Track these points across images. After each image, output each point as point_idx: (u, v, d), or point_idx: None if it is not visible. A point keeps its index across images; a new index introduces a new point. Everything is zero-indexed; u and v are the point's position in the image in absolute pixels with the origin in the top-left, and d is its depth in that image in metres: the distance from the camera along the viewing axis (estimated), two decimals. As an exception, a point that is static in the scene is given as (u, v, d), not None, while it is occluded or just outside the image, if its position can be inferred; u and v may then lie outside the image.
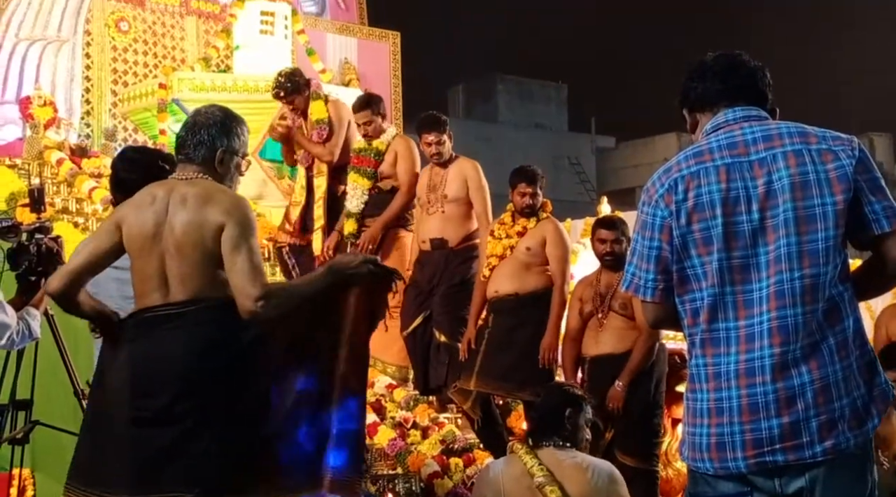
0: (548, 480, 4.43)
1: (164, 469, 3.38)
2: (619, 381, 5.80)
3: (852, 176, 2.71)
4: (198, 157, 3.62)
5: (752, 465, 2.68)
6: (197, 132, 3.64)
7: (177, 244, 3.47)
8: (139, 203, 3.59)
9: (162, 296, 3.50)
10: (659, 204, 2.82)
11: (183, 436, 3.40)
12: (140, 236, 3.54)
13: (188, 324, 3.46)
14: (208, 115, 3.71)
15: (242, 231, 3.45)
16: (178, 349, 3.45)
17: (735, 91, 2.89)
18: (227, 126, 3.68)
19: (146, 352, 3.49)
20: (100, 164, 8.81)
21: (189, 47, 12.36)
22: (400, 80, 14.14)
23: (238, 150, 3.71)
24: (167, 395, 3.42)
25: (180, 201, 3.51)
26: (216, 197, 3.51)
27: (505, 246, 6.37)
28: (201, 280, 3.47)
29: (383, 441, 6.18)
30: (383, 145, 7.24)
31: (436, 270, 6.83)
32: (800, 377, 2.66)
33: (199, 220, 3.46)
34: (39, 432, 4.80)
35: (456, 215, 6.84)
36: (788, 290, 2.68)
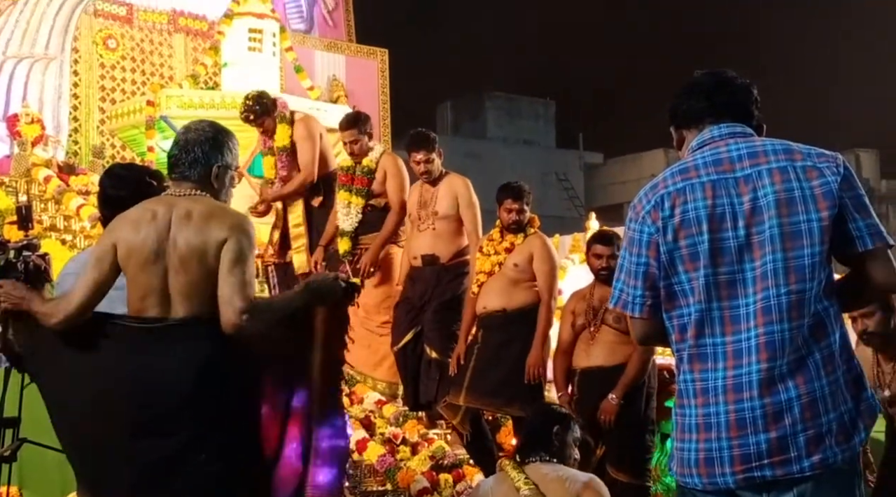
0: (533, 493, 4.47)
1: (163, 481, 3.38)
2: (613, 394, 5.80)
3: (837, 193, 2.73)
4: (194, 175, 3.63)
5: (741, 480, 2.69)
6: (190, 150, 3.65)
7: (181, 260, 3.48)
8: (137, 219, 3.59)
9: (162, 311, 3.50)
10: (646, 220, 2.83)
11: (181, 449, 3.40)
12: (141, 253, 3.53)
13: (189, 338, 3.47)
14: (199, 131, 3.71)
15: (242, 248, 3.47)
16: (179, 363, 3.45)
17: (721, 108, 2.91)
18: (219, 141, 3.69)
19: (146, 364, 3.48)
20: (87, 182, 8.80)
21: (177, 64, 12.37)
22: (388, 96, 14.17)
23: (231, 164, 3.73)
24: (166, 408, 3.42)
25: (184, 217, 3.52)
26: (220, 215, 3.53)
27: (493, 262, 6.39)
28: (203, 297, 3.48)
29: (373, 457, 6.17)
30: (373, 164, 7.28)
31: (427, 287, 6.85)
32: (787, 392, 2.67)
33: (203, 237, 3.47)
34: (27, 450, 4.77)
35: (446, 232, 6.87)
36: (775, 306, 2.69)
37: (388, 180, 7.21)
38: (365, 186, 7.27)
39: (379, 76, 14.14)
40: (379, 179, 7.25)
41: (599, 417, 5.79)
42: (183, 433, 3.39)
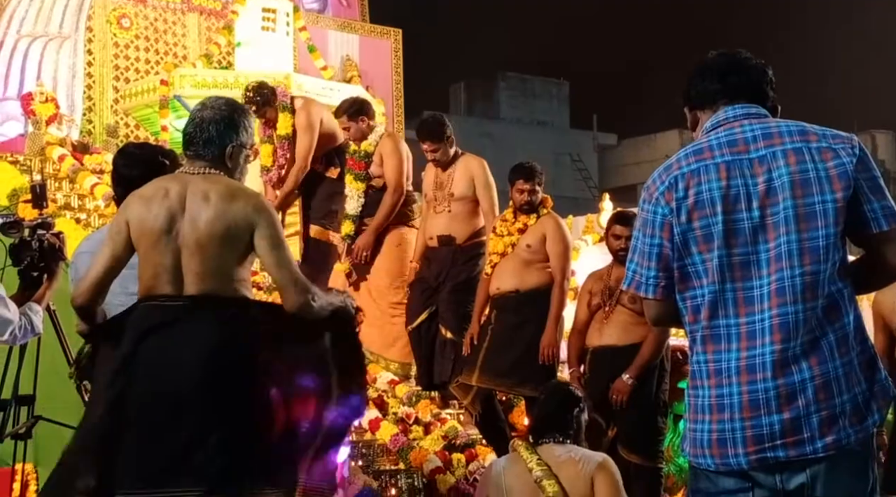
0: (545, 474, 4.48)
1: (178, 463, 3.40)
2: (628, 374, 5.80)
3: (852, 174, 2.72)
4: (208, 153, 3.63)
5: (753, 461, 2.68)
6: (205, 129, 3.64)
7: (198, 240, 3.47)
8: (150, 196, 3.58)
9: (175, 289, 3.50)
10: (659, 201, 2.83)
11: (191, 433, 3.41)
12: (152, 230, 3.53)
13: (204, 318, 3.48)
14: (215, 109, 3.70)
15: (276, 231, 3.53)
16: (194, 344, 3.46)
17: (735, 89, 2.89)
18: (234, 120, 3.68)
19: (161, 345, 3.49)
20: (101, 161, 8.81)
21: (191, 44, 12.35)
22: (401, 77, 14.13)
23: (246, 142, 3.72)
24: (178, 386, 3.43)
25: (202, 198, 3.51)
26: (240, 195, 3.54)
27: (506, 243, 6.40)
28: (217, 277, 3.49)
29: (385, 437, 6.19)
30: (371, 147, 7.32)
31: (442, 267, 6.89)
32: (800, 373, 2.67)
33: (228, 219, 3.48)
34: (42, 427, 4.81)
35: (463, 213, 6.90)
36: (789, 288, 2.68)
37: (385, 162, 7.25)
38: (362, 170, 7.32)
39: (392, 56, 14.09)
40: (376, 162, 7.30)
41: (612, 397, 5.79)
42: (194, 414, 3.40)
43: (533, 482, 4.49)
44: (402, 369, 7.20)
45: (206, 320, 3.47)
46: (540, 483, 4.46)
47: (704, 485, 2.79)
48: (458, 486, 5.91)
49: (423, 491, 6.02)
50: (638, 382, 5.81)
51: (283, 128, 7.78)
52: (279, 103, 7.80)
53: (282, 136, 7.79)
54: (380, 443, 6.20)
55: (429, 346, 6.94)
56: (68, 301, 5.37)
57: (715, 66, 2.93)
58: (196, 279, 3.48)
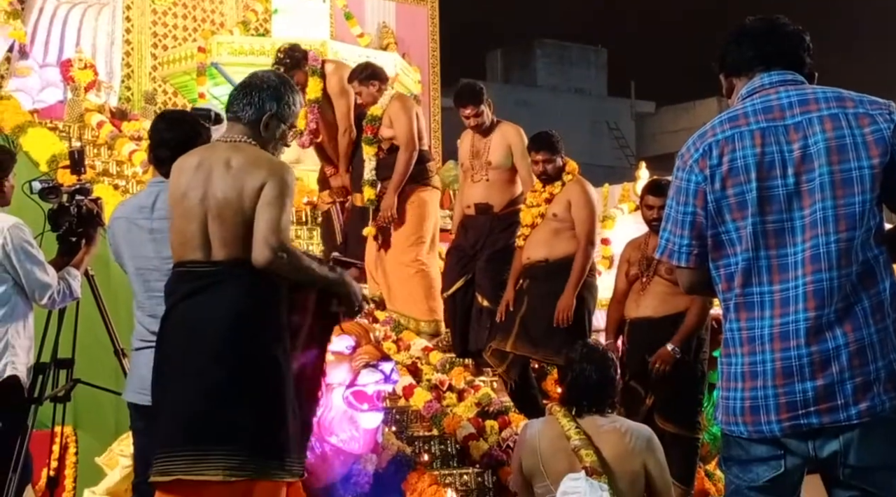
0: (584, 444, 4.45)
1: (196, 423, 3.45)
2: (672, 344, 5.76)
3: (890, 140, 2.70)
4: (245, 117, 3.67)
5: (787, 427, 2.68)
6: (248, 93, 3.69)
7: (218, 208, 3.53)
8: (185, 167, 3.66)
9: (204, 255, 3.56)
10: (693, 169, 2.82)
11: (215, 393, 3.46)
12: (181, 198, 3.60)
13: (230, 283, 3.53)
14: (263, 78, 3.75)
15: (280, 192, 3.51)
16: (220, 308, 3.51)
17: (771, 55, 2.87)
18: (279, 92, 3.71)
19: (189, 310, 3.56)
20: (140, 127, 8.85)
21: (228, 11, 12.35)
22: (438, 44, 14.05)
23: (286, 118, 3.73)
24: (205, 348, 3.49)
25: (224, 166, 3.56)
26: (259, 163, 3.57)
27: (534, 214, 6.40)
28: (241, 244, 3.54)
29: (419, 403, 6.21)
30: (379, 110, 7.32)
31: (479, 235, 6.91)
32: (834, 340, 2.65)
33: (241, 185, 3.52)
34: (80, 391, 4.88)
35: (500, 181, 6.91)
36: (824, 255, 2.67)
37: (395, 123, 7.25)
38: (373, 134, 7.34)
39: (429, 23, 14.02)
40: (385, 124, 7.30)
41: (654, 365, 5.77)
42: (215, 374, 3.46)
43: (569, 449, 4.47)
44: (428, 327, 7.18)
45: (233, 285, 3.52)
46: (578, 452, 4.43)
47: (737, 452, 2.79)
48: (492, 452, 5.92)
49: (456, 457, 6.04)
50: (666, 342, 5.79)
51: (312, 92, 7.78)
52: (310, 67, 7.80)
53: (311, 100, 7.79)
54: (413, 409, 6.22)
55: (465, 313, 6.96)
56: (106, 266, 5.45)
57: (751, 32, 2.91)
58: (221, 245, 3.53)
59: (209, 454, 3.41)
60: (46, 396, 4.62)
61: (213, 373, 3.47)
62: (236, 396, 3.46)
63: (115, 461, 5.47)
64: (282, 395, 3.53)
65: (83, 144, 8.12)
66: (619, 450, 4.49)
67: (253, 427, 3.45)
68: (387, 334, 6.83)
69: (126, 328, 4.47)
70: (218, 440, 3.43)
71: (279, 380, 3.53)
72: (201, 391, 3.47)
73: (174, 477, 3.44)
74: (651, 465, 4.52)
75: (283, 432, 3.52)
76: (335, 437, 4.70)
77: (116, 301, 5.33)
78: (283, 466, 3.53)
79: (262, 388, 3.49)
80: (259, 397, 3.48)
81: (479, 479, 5.87)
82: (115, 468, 5.46)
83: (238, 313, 3.50)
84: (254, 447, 3.45)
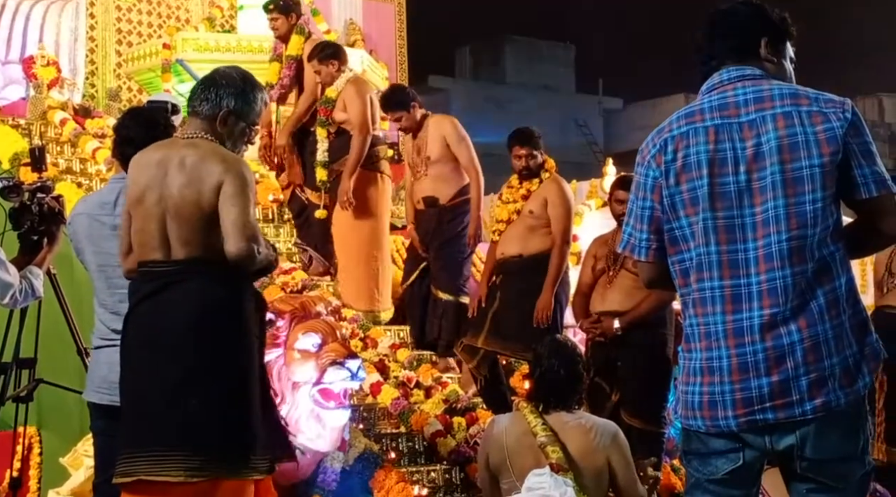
0: (550, 441, 4.47)
1: (158, 423, 3.43)
2: (618, 323, 5.80)
3: (842, 138, 2.71)
4: (202, 112, 3.64)
5: (743, 423, 2.71)
6: (208, 88, 3.67)
7: (176, 207, 3.50)
8: (143, 164, 3.63)
9: (164, 255, 3.53)
10: (651, 164, 2.85)
11: (175, 391, 3.44)
12: (139, 198, 3.58)
13: (191, 282, 3.51)
14: (224, 74, 3.73)
15: (241, 186, 3.49)
16: (181, 307, 3.49)
17: (728, 51, 2.88)
18: (239, 88, 3.68)
19: (150, 310, 3.53)
20: (103, 125, 8.78)
21: (193, 7, 12.29)
22: (405, 41, 14.04)
23: (246, 115, 3.69)
24: (164, 346, 3.47)
25: (179, 164, 3.54)
26: (213, 158, 3.54)
27: (510, 210, 6.42)
28: (201, 243, 3.51)
29: (386, 400, 6.20)
30: (334, 93, 7.35)
31: (428, 228, 6.97)
32: (789, 336, 2.68)
33: (197, 182, 3.50)
34: (45, 391, 4.84)
35: (443, 173, 6.97)
36: (776, 253, 2.69)
37: (348, 106, 7.28)
38: (325, 116, 7.37)
39: (396, 20, 14.01)
40: (339, 107, 7.33)
41: (593, 332, 5.80)
42: (177, 373, 3.44)
43: (536, 446, 4.49)
44: (366, 317, 7.18)
45: (192, 283, 3.50)
46: (544, 449, 4.45)
47: (696, 446, 2.82)
48: (459, 449, 5.92)
49: (424, 454, 6.04)
50: (639, 348, 5.80)
51: (292, 48, 7.80)
52: (297, 26, 7.83)
53: (290, 57, 7.81)
54: (381, 406, 6.21)
55: (422, 304, 7.05)
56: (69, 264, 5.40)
57: (710, 26, 2.92)
58: (181, 244, 3.52)
59: (170, 454, 3.40)
60: (8, 397, 4.59)
61: (173, 372, 3.46)
62: (196, 395, 3.44)
63: (79, 461, 5.43)
64: (245, 392, 3.51)
65: (46, 142, 8.06)
66: (585, 446, 4.51)
67: (214, 426, 3.43)
68: (354, 332, 6.82)
69: (89, 327, 4.44)
70: (178, 440, 3.41)
71: (242, 377, 3.51)
72: (161, 391, 3.45)
73: (136, 477, 3.41)
74: (615, 460, 4.54)
75: (247, 429, 3.50)
76: (302, 434, 4.68)
77: (79, 300, 5.28)
78: (248, 464, 3.51)
79: (223, 387, 3.47)
80: (220, 395, 3.46)
81: (446, 475, 5.88)
82: (79, 468, 5.41)
83: (197, 312, 3.49)
84: (215, 446, 3.43)
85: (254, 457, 3.53)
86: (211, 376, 3.46)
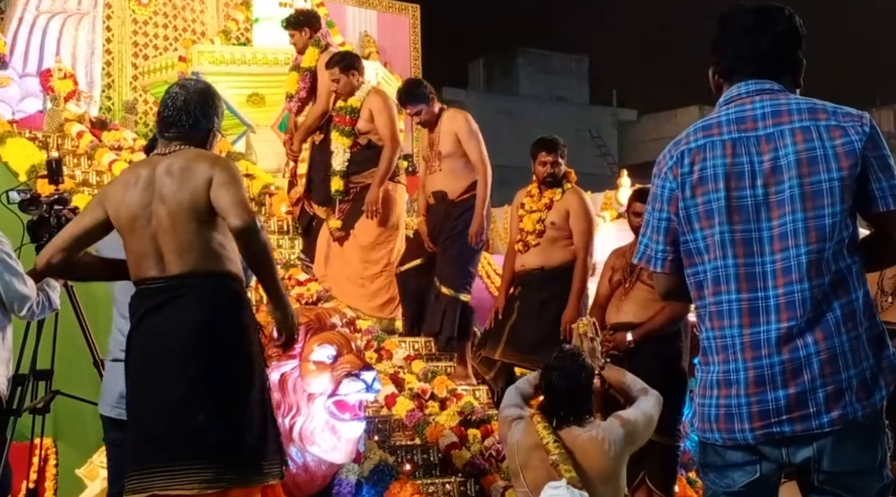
0: (562, 459, 4.44)
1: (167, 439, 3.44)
2: (631, 336, 5.76)
3: (861, 152, 2.70)
4: (184, 136, 3.67)
5: (760, 435, 2.70)
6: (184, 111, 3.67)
7: (170, 216, 3.51)
8: (126, 182, 3.65)
9: (159, 271, 3.54)
10: (667, 176, 2.84)
11: (178, 407, 3.45)
12: (129, 216, 3.59)
13: (187, 296, 3.52)
14: (188, 90, 3.73)
15: (230, 177, 3.51)
16: (179, 322, 3.50)
17: (752, 64, 2.84)
18: (209, 104, 3.73)
19: (149, 328, 3.55)
20: (120, 137, 8.83)
21: (209, 20, 12.36)
22: (420, 53, 14.09)
23: (219, 126, 3.77)
24: (165, 362, 3.48)
25: (166, 173, 3.56)
26: (199, 159, 3.57)
27: (534, 220, 6.42)
28: (197, 252, 3.52)
29: (401, 412, 6.20)
30: (358, 103, 7.38)
31: (437, 221, 7.03)
32: (806, 349, 2.67)
33: (189, 182, 3.52)
34: (60, 402, 4.85)
35: (454, 168, 7.00)
36: (795, 266, 2.68)
37: (377, 117, 7.31)
38: (348, 125, 7.37)
39: (410, 32, 14.05)
40: (365, 117, 7.35)
41: (607, 344, 5.80)
42: (179, 388, 3.44)
43: (547, 460, 4.46)
44: (380, 324, 7.25)
45: (190, 297, 3.51)
46: (557, 468, 4.43)
47: (713, 458, 2.81)
48: (474, 461, 5.92)
49: (439, 466, 6.04)
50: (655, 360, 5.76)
51: (307, 61, 7.90)
52: (314, 38, 7.91)
53: (305, 69, 7.91)
54: (396, 418, 6.21)
55: (419, 293, 7.11)
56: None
57: (738, 31, 2.84)
58: (175, 258, 3.52)
59: (182, 468, 3.41)
60: (25, 408, 4.59)
61: (177, 386, 3.48)
62: (201, 407, 3.45)
63: (95, 473, 5.44)
64: (250, 399, 3.52)
65: (63, 154, 8.10)
66: (599, 458, 4.50)
67: (222, 436, 3.45)
68: (369, 343, 6.83)
69: (105, 339, 4.46)
70: (189, 453, 3.42)
71: (247, 385, 3.52)
72: (166, 405, 3.47)
73: (150, 493, 3.43)
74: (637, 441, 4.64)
75: (255, 436, 3.51)
76: (317, 446, 4.68)
77: (96, 312, 5.31)
78: (260, 471, 3.53)
79: (228, 396, 3.49)
80: (225, 405, 3.48)
81: (461, 487, 5.87)
82: (95, 480, 5.43)
83: (197, 325, 3.50)
84: (226, 456, 3.44)
85: (265, 463, 3.54)
86: (211, 387, 3.47)
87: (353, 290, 7.34)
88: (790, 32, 2.85)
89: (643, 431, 4.70)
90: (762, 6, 2.86)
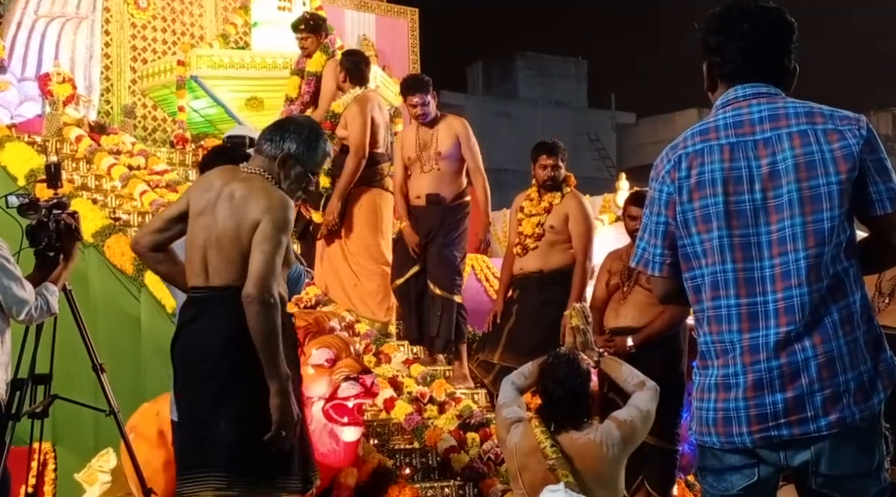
0: (560, 464, 4.45)
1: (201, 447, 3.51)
2: (631, 341, 5.77)
3: (858, 155, 2.70)
4: (265, 150, 3.74)
5: (758, 439, 2.70)
6: (275, 129, 3.77)
7: (217, 238, 3.62)
8: (203, 186, 3.76)
9: (203, 280, 3.65)
10: (665, 180, 2.84)
11: (207, 415, 3.50)
12: (193, 220, 3.69)
13: (223, 308, 3.60)
14: (294, 120, 3.87)
15: (274, 231, 3.54)
16: (211, 333, 3.58)
17: (749, 67, 2.82)
18: (303, 135, 3.75)
19: (189, 335, 3.67)
20: (118, 141, 8.83)
21: (207, 24, 12.36)
22: (419, 56, 14.09)
23: (306, 161, 3.75)
24: (197, 370, 3.55)
25: (228, 197, 3.63)
26: (259, 196, 3.62)
27: (533, 224, 6.43)
28: (238, 268, 3.60)
29: (400, 416, 6.20)
30: (340, 108, 7.45)
31: (431, 226, 7.01)
32: (803, 352, 2.67)
33: (239, 217, 3.59)
34: (59, 407, 4.84)
35: (449, 172, 7.02)
36: (794, 271, 2.68)
37: (349, 125, 7.33)
38: (329, 130, 7.38)
39: (409, 36, 14.06)
40: (342, 124, 7.38)
41: (608, 350, 5.79)
42: (206, 396, 3.51)
43: (545, 464, 4.48)
44: (373, 326, 7.21)
45: (225, 309, 3.57)
46: (554, 472, 4.44)
47: (711, 462, 2.81)
48: (473, 464, 5.91)
49: (438, 470, 6.04)
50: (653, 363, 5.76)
51: (314, 65, 7.95)
52: (323, 44, 7.98)
53: (310, 73, 7.97)
54: (394, 422, 6.21)
55: (418, 301, 7.08)
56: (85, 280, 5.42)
57: (733, 36, 2.82)
58: (215, 272, 3.62)
59: (204, 474, 3.51)
60: (24, 412, 4.58)
61: (202, 395, 3.56)
62: (226, 417, 3.52)
63: (94, 477, 5.44)
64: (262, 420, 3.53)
65: (62, 159, 8.10)
66: (597, 461, 4.51)
67: (238, 446, 3.51)
68: (367, 347, 6.83)
69: (104, 343, 4.46)
70: (211, 460, 3.51)
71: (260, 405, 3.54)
72: (193, 413, 3.60)
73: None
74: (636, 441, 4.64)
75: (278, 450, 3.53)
76: (315, 450, 4.69)
77: (94, 316, 5.31)
78: (273, 484, 3.56)
79: (247, 408, 3.51)
80: (246, 416, 3.51)
81: (460, 491, 5.86)
82: (94, 484, 5.43)
83: (227, 337, 3.56)
84: (240, 466, 3.50)
85: (281, 477, 3.57)
86: (234, 398, 3.52)
87: (346, 293, 7.33)
88: (786, 34, 2.84)
89: (641, 429, 4.71)
90: (759, 7, 2.85)
